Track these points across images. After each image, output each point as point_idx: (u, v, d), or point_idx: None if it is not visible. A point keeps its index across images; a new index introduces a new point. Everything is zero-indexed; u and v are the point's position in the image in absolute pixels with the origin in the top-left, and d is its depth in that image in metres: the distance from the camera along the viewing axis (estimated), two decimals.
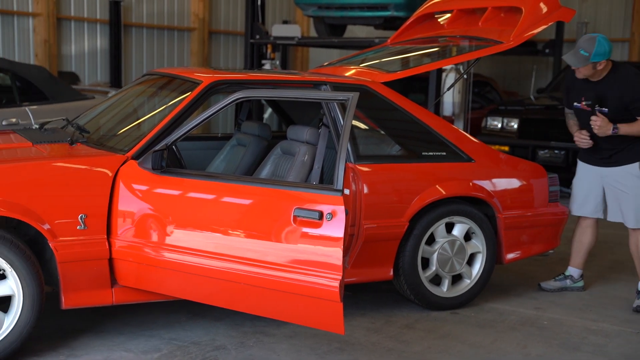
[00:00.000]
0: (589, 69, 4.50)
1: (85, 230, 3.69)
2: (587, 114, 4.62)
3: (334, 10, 9.36)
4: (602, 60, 4.45)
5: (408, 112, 4.58)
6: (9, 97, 6.83)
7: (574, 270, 5.07)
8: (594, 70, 4.50)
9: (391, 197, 4.40)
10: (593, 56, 4.40)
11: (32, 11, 10.15)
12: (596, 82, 4.59)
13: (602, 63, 4.47)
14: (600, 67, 4.49)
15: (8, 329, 3.56)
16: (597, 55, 4.41)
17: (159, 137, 3.90)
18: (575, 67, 4.51)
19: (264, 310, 3.61)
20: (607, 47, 4.43)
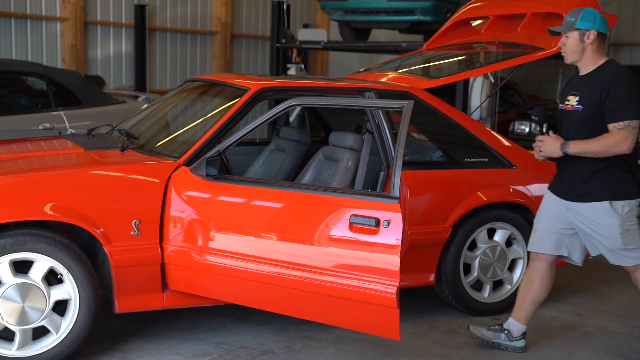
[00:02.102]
0: (575, 41, 3.70)
1: (138, 236, 3.74)
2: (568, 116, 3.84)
3: (360, 14, 9.38)
4: (589, 28, 3.66)
5: (450, 118, 4.61)
6: (44, 101, 6.91)
7: (514, 324, 4.08)
8: (582, 46, 3.69)
9: (434, 203, 4.44)
10: (579, 22, 3.66)
11: (59, 16, 10.25)
12: (584, 76, 3.78)
13: (591, 36, 3.67)
14: (588, 40, 3.67)
15: (65, 332, 3.62)
16: (583, 20, 3.66)
17: (209, 144, 3.94)
18: (560, 32, 3.77)
19: (317, 316, 3.65)
20: (597, 16, 3.69)
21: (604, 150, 3.62)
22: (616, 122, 3.61)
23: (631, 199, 3.76)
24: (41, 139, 4.82)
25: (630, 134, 3.60)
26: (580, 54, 3.74)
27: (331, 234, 3.49)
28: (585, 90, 3.73)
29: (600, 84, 3.66)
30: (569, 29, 3.71)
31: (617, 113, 3.59)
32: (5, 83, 6.97)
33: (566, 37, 3.75)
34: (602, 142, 3.60)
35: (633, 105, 3.61)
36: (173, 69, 12.10)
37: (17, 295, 3.50)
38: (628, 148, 3.61)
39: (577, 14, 3.70)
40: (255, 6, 13.33)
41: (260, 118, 3.81)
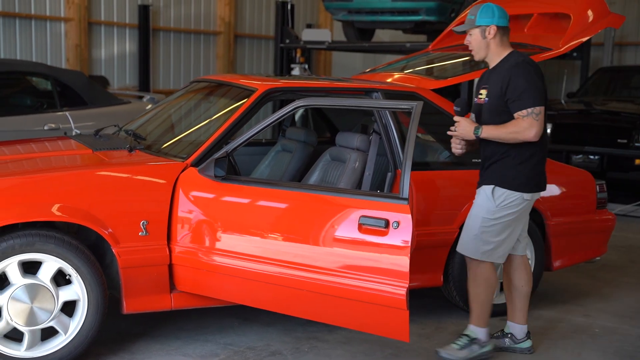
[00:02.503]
0: (478, 38, 3.78)
1: (146, 237, 3.73)
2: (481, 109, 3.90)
3: (365, 14, 9.39)
4: (489, 24, 3.73)
5: None
6: (49, 102, 6.91)
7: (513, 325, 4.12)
8: (485, 42, 3.77)
9: (441, 204, 4.43)
10: (479, 19, 3.74)
11: (64, 16, 10.25)
12: (492, 69, 3.86)
13: (492, 32, 3.74)
14: (489, 35, 3.75)
15: (74, 332, 3.62)
16: (482, 17, 3.74)
17: (217, 145, 3.94)
18: (462, 31, 3.86)
19: (324, 317, 3.64)
20: (495, 11, 3.75)
21: (511, 137, 3.68)
22: (519, 111, 3.67)
23: (514, 190, 3.78)
24: (48, 139, 4.82)
25: (534, 120, 3.65)
26: (485, 50, 3.82)
27: (339, 235, 3.49)
28: (492, 83, 3.80)
29: (502, 76, 3.74)
30: (471, 27, 3.79)
31: (519, 102, 3.66)
32: (10, 83, 6.98)
33: (470, 35, 3.83)
34: (510, 129, 3.65)
35: (532, 93, 3.66)
36: (177, 69, 12.10)
37: (25, 295, 3.50)
38: (535, 135, 3.66)
39: (476, 11, 3.78)
40: (259, 6, 13.33)
41: (269, 119, 3.80)
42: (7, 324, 3.50)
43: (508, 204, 3.80)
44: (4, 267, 3.48)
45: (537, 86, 3.70)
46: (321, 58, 14.42)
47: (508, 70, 3.73)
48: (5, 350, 3.51)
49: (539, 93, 3.70)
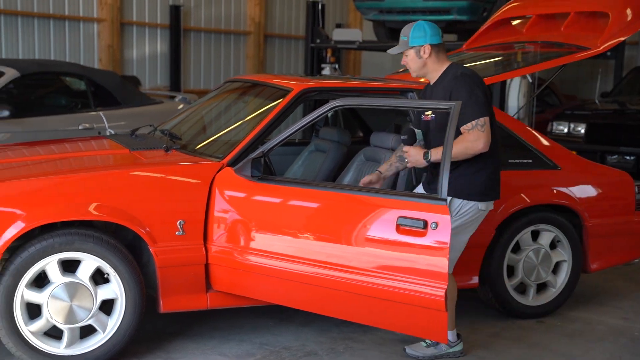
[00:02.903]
0: (414, 58, 3.77)
1: (183, 236, 3.75)
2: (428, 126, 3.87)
3: (396, 14, 9.35)
4: (422, 44, 3.72)
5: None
6: (84, 102, 6.98)
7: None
8: (422, 61, 3.76)
9: None
10: (411, 40, 3.72)
11: (97, 17, 10.35)
12: (433, 85, 3.86)
13: (426, 50, 3.73)
14: (424, 54, 3.73)
15: (112, 331, 3.64)
16: (415, 38, 3.72)
17: (253, 144, 3.94)
18: (397, 52, 3.83)
19: (361, 317, 3.63)
20: (427, 30, 3.74)
21: (462, 152, 3.62)
22: (464, 125, 3.63)
23: (470, 199, 3.74)
24: (85, 139, 4.86)
25: (480, 132, 3.61)
26: (423, 69, 3.82)
27: (376, 235, 3.47)
28: (435, 99, 3.77)
29: (443, 92, 3.73)
30: (405, 48, 3.79)
31: (462, 116, 3.59)
32: (45, 84, 7.07)
33: (406, 56, 3.83)
34: (458, 146, 3.58)
35: (474, 104, 3.63)
36: (207, 69, 12.17)
37: (65, 294, 3.53)
38: (484, 146, 3.62)
39: (408, 31, 3.77)
40: (289, 6, 13.35)
41: (305, 119, 3.79)
42: (47, 322, 3.54)
43: (462, 213, 3.75)
44: (44, 266, 3.51)
45: (478, 97, 3.66)
46: (351, 58, 14.40)
47: (448, 85, 3.73)
48: (45, 348, 3.54)
49: (481, 104, 3.66)
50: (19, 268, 3.46)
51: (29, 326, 3.51)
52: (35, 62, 7.21)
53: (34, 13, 9.64)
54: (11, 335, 3.48)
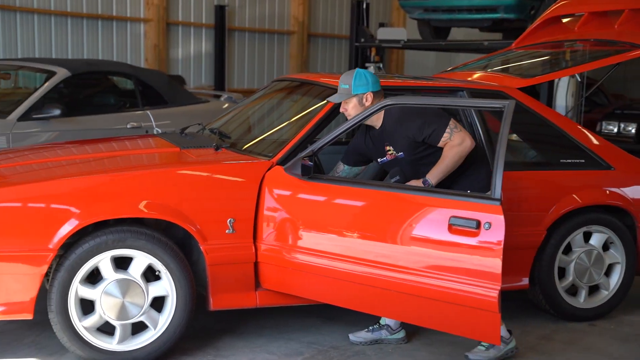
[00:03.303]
0: (356, 106, 3.85)
1: (233, 234, 3.77)
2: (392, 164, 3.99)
3: (441, 13, 9.28)
4: (365, 91, 3.83)
5: (545, 118, 4.49)
6: (132, 101, 7.06)
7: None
8: (363, 108, 3.85)
9: (528, 205, 4.33)
10: (354, 88, 3.82)
11: (143, 17, 10.47)
12: (380, 130, 3.93)
13: (369, 98, 3.84)
14: (367, 102, 3.84)
15: (163, 328, 3.68)
16: (358, 86, 3.81)
17: (302, 143, 3.95)
18: (339, 102, 3.90)
19: (410, 317, 3.61)
20: (368, 77, 3.85)
21: (457, 159, 3.75)
22: (441, 139, 3.75)
23: None
24: (136, 137, 4.92)
25: (458, 132, 3.75)
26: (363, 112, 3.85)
27: (428, 235, 3.45)
28: (393, 139, 3.88)
29: (401, 129, 3.83)
30: (348, 96, 3.85)
31: (435, 133, 3.75)
32: (95, 83, 7.17)
33: (346, 104, 3.89)
34: (450, 156, 3.73)
35: (433, 119, 3.78)
36: (250, 69, 12.22)
37: (117, 290, 3.57)
38: (471, 142, 3.76)
39: (350, 80, 3.85)
40: (332, 5, 13.34)
41: (355, 118, 3.78)
42: (100, 318, 3.58)
43: None
44: (97, 262, 3.56)
45: (428, 113, 3.82)
46: (394, 57, 14.34)
47: (403, 125, 3.82)
48: (98, 343, 3.59)
49: (436, 114, 3.83)
50: (73, 264, 3.51)
51: (82, 321, 3.56)
52: (85, 62, 7.32)
53: (83, 14, 9.80)
54: (66, 330, 3.53)
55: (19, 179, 3.75)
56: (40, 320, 3.77)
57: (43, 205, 3.53)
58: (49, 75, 6.46)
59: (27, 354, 3.77)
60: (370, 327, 4.11)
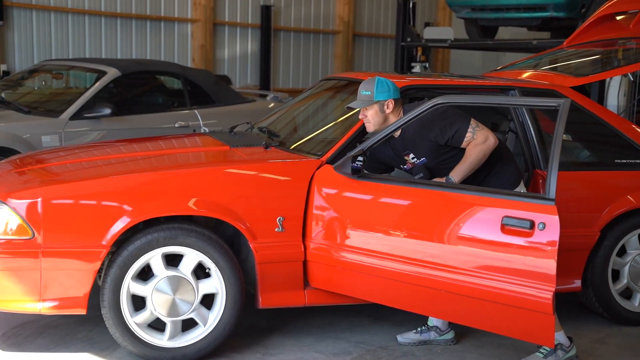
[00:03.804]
0: (377, 113, 3.80)
1: (282, 233, 3.77)
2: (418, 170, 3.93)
3: (489, 11, 9.18)
4: (387, 98, 3.78)
5: (600, 118, 4.40)
6: (180, 100, 7.13)
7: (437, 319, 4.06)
8: (383, 115, 3.80)
9: (582, 205, 4.25)
10: (376, 95, 3.76)
11: (190, 17, 10.58)
12: (400, 138, 3.87)
13: (390, 105, 3.79)
14: (388, 109, 3.80)
15: (212, 325, 3.70)
16: (380, 93, 3.77)
17: (352, 142, 3.93)
18: (361, 107, 3.83)
19: (461, 318, 3.56)
20: (390, 85, 3.81)
21: (481, 157, 3.71)
22: (464, 139, 3.71)
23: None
24: (185, 136, 4.96)
25: (480, 131, 3.70)
26: (383, 123, 3.84)
27: (480, 234, 3.40)
28: (415, 146, 3.84)
29: (424, 136, 3.79)
30: (370, 103, 3.80)
31: (457, 134, 3.71)
32: (144, 82, 7.27)
33: (366, 111, 3.84)
34: (474, 154, 3.69)
35: (455, 120, 3.74)
36: (295, 69, 12.27)
37: (168, 287, 3.60)
38: (494, 140, 3.71)
39: (372, 87, 3.80)
40: (377, 5, 13.31)
41: (406, 117, 3.74)
42: (151, 314, 3.62)
43: None
44: (148, 259, 3.59)
45: (449, 114, 3.76)
46: (439, 57, 14.25)
47: (421, 126, 3.77)
48: (149, 339, 3.63)
49: (457, 115, 3.78)
50: (125, 261, 3.55)
51: (134, 317, 3.60)
52: (134, 62, 7.43)
53: (132, 14, 9.95)
54: (118, 326, 3.58)
55: (71, 177, 3.80)
56: (93, 315, 3.82)
57: (95, 203, 3.58)
58: (99, 75, 6.57)
59: (79, 349, 3.82)
60: (418, 328, 4.08)
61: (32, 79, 7.29)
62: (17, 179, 3.81)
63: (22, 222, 3.46)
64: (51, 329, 4.03)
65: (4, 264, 3.45)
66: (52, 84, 7.31)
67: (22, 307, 3.52)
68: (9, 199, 3.50)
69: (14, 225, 3.47)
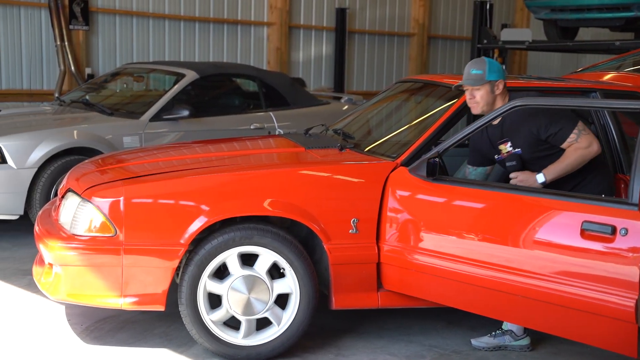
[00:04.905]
0: (487, 94, 3.77)
1: (356, 235, 3.78)
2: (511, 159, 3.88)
3: (569, 12, 8.96)
4: (498, 79, 3.76)
5: None
6: (255, 102, 7.23)
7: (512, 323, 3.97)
8: (493, 96, 3.78)
9: None
10: (488, 74, 3.74)
11: (266, 21, 10.71)
12: (498, 125, 3.83)
13: (500, 86, 3.77)
14: (498, 90, 3.77)
15: (286, 324, 3.74)
16: (492, 72, 3.75)
17: (427, 144, 3.91)
18: (473, 86, 3.78)
19: (538, 324, 3.49)
20: (499, 66, 3.81)
21: (578, 162, 3.66)
22: (567, 139, 3.66)
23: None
24: (260, 137, 5.02)
25: (586, 135, 3.65)
26: (492, 105, 3.82)
27: (558, 239, 3.32)
28: (514, 134, 3.78)
29: (526, 126, 3.72)
30: (481, 83, 3.77)
31: (561, 132, 3.66)
32: (221, 85, 7.40)
33: (476, 91, 3.80)
34: (573, 158, 3.64)
35: (561, 119, 3.67)
36: (370, 71, 12.25)
37: (243, 286, 3.66)
38: (598, 147, 3.67)
39: (483, 66, 3.78)
40: (453, 7, 13.17)
41: (483, 119, 3.70)
42: (226, 312, 3.68)
43: None
44: (225, 258, 3.66)
45: (556, 111, 3.69)
46: (516, 59, 13.99)
47: (525, 115, 3.71)
48: (224, 337, 3.69)
49: (566, 114, 3.71)
50: (202, 259, 3.63)
51: (210, 315, 3.67)
52: (212, 65, 7.56)
53: (210, 18, 10.14)
54: (195, 323, 3.66)
55: (151, 177, 3.90)
56: (170, 312, 3.91)
57: (174, 202, 3.67)
58: (178, 77, 6.72)
59: (158, 344, 3.92)
60: (493, 333, 4.02)
61: (115, 81, 7.53)
62: (100, 178, 3.94)
63: (105, 220, 3.58)
64: (131, 324, 4.15)
65: (88, 260, 3.58)
66: (133, 87, 7.53)
67: (104, 302, 3.64)
68: (93, 197, 3.63)
69: (98, 223, 3.59)
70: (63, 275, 3.63)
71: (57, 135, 5.79)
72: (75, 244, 3.60)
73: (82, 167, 4.28)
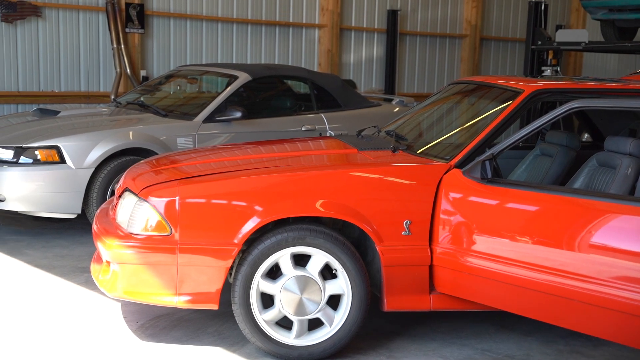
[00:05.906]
0: None
1: (409, 236, 3.76)
2: None
3: (628, 12, 8.78)
4: None
5: None
6: (307, 104, 7.26)
7: None
8: None
9: None
10: None
11: (318, 23, 10.76)
12: None
13: None
14: None
15: (338, 325, 3.74)
16: None
17: (481, 146, 3.87)
18: None
19: (595, 330, 3.42)
20: None
21: None
22: None
23: None
24: (312, 139, 5.04)
25: None
26: None
27: (615, 244, 3.26)
28: None
29: None
30: None
31: None
32: (273, 87, 7.45)
33: None
34: None
35: None
36: (421, 73, 12.20)
37: (296, 286, 3.68)
38: None
39: None
40: (507, 8, 13.02)
41: (539, 120, 3.66)
42: (279, 312, 3.71)
43: None
44: (277, 258, 3.69)
45: None
46: (571, 60, 13.77)
47: None
48: (276, 337, 3.72)
49: None
50: (255, 259, 3.66)
51: (262, 315, 3.70)
52: (264, 67, 7.62)
53: (262, 21, 10.23)
54: (247, 322, 3.69)
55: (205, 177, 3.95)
56: (223, 311, 3.95)
57: (227, 202, 3.71)
58: (230, 79, 6.80)
59: (211, 343, 3.97)
60: None
61: (169, 83, 7.65)
62: (155, 178, 4.01)
63: (161, 219, 3.64)
64: (184, 322, 4.21)
65: (144, 259, 3.65)
66: (187, 89, 7.64)
67: (159, 300, 3.70)
68: (150, 197, 3.69)
69: (154, 222, 3.66)
70: (120, 273, 3.70)
71: (113, 136, 5.91)
72: (132, 243, 3.67)
73: (138, 168, 4.36)
